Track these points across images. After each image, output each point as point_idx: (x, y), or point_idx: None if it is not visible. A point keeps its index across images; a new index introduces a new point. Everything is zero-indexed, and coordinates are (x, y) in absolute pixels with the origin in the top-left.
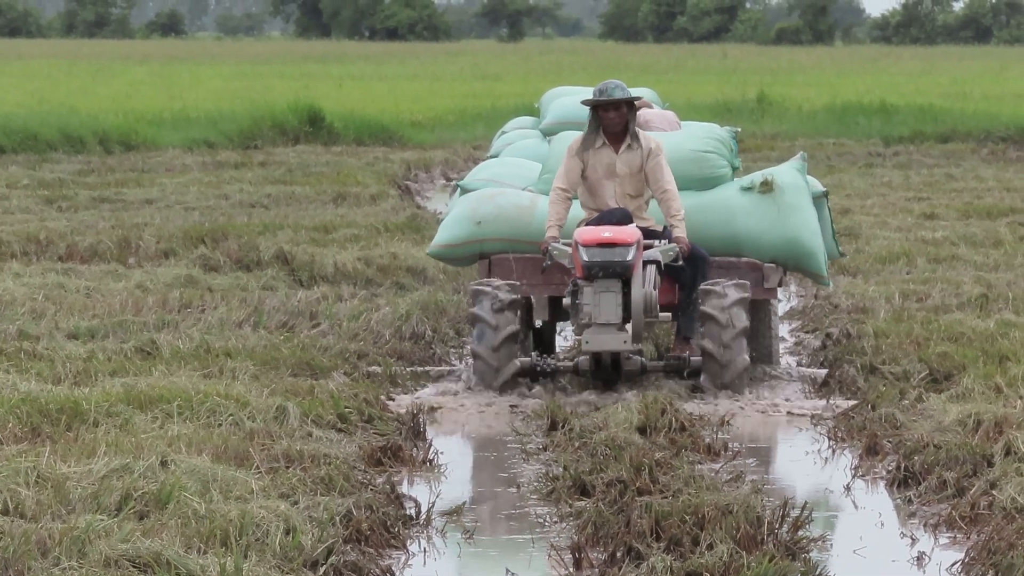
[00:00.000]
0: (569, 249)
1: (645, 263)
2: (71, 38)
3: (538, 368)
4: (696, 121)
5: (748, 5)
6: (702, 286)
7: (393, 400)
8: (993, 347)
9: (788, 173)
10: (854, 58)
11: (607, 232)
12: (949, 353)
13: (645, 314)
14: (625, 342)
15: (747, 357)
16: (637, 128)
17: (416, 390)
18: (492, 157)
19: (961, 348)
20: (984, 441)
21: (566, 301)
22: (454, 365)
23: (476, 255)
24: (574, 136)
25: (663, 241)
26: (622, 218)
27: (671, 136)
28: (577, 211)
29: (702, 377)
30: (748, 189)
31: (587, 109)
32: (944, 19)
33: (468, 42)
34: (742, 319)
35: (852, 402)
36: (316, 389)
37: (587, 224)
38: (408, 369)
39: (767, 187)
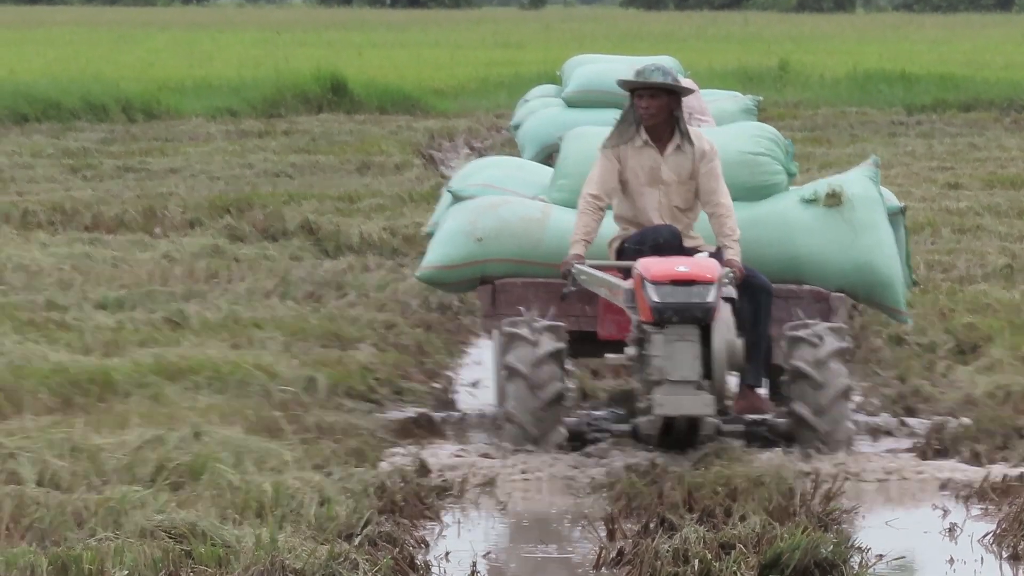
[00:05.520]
0: (599, 273)
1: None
2: (93, 5)
3: (587, 432)
4: (718, 89)
5: None
6: (789, 331)
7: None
8: (1019, 318)
9: (859, 183)
10: (876, 26)
11: (682, 266)
12: (975, 324)
13: (729, 368)
14: (707, 405)
15: (851, 424)
16: (689, 126)
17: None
18: (515, 126)
19: (987, 319)
20: (1013, 413)
21: (629, 351)
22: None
23: (476, 279)
24: (591, 133)
25: None
26: (669, 238)
27: (715, 134)
28: (606, 227)
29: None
30: (811, 201)
31: (614, 77)
32: None
33: (490, 9)
34: (843, 375)
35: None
36: (345, 359)
37: (624, 244)
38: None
39: (834, 200)
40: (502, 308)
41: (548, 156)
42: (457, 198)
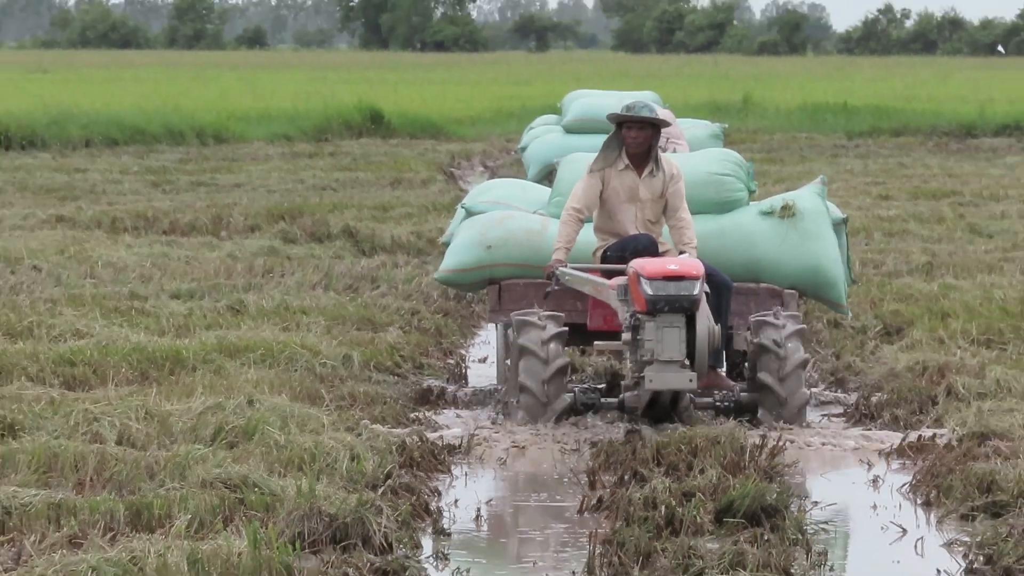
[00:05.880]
0: (581, 274)
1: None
2: (173, 49)
3: (580, 403)
4: (691, 118)
5: (735, 22)
6: (753, 318)
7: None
8: (936, 306)
9: (808, 198)
10: (823, 67)
11: (673, 264)
12: (900, 311)
13: (708, 350)
14: (690, 381)
15: (807, 391)
16: (660, 152)
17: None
18: (522, 148)
19: (910, 307)
20: (929, 384)
21: (625, 336)
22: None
23: (485, 280)
24: (583, 159)
25: None
26: (648, 244)
27: (687, 158)
28: (586, 235)
29: (759, 412)
30: (768, 214)
31: (606, 108)
32: (897, 34)
33: (502, 53)
34: (799, 351)
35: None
36: (376, 340)
37: (607, 251)
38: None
39: (787, 212)
40: (507, 304)
41: (548, 174)
42: (470, 213)
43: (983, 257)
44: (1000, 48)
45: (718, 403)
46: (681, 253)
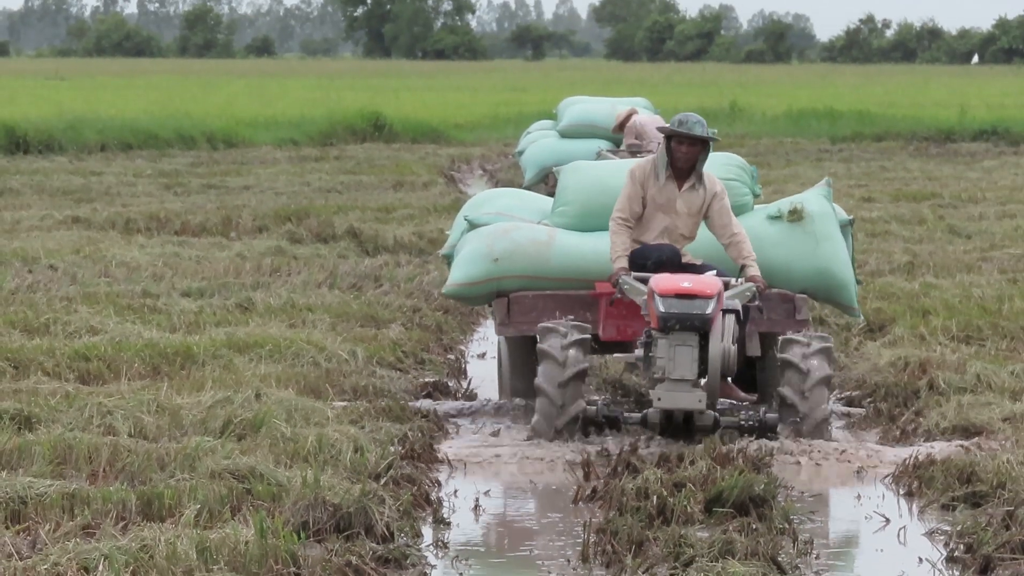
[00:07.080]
0: (641, 285)
1: (724, 313)
2: (185, 58)
3: (605, 417)
4: None
5: (723, 32)
6: (783, 336)
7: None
8: (917, 304)
9: (816, 201)
10: (807, 74)
11: (686, 282)
12: (883, 308)
13: (723, 371)
14: (700, 401)
15: (828, 407)
16: (704, 170)
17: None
18: (519, 152)
19: (892, 304)
20: (911, 378)
21: (638, 352)
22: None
23: (494, 293)
24: (584, 167)
25: (739, 281)
26: (671, 255)
27: None
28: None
29: (779, 428)
30: (776, 218)
31: (599, 114)
32: (878, 43)
33: (500, 61)
34: (824, 368)
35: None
36: (379, 336)
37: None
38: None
39: (796, 216)
40: (516, 317)
41: (545, 177)
42: (473, 225)
43: (962, 257)
44: (976, 57)
45: (743, 423)
46: (744, 268)
